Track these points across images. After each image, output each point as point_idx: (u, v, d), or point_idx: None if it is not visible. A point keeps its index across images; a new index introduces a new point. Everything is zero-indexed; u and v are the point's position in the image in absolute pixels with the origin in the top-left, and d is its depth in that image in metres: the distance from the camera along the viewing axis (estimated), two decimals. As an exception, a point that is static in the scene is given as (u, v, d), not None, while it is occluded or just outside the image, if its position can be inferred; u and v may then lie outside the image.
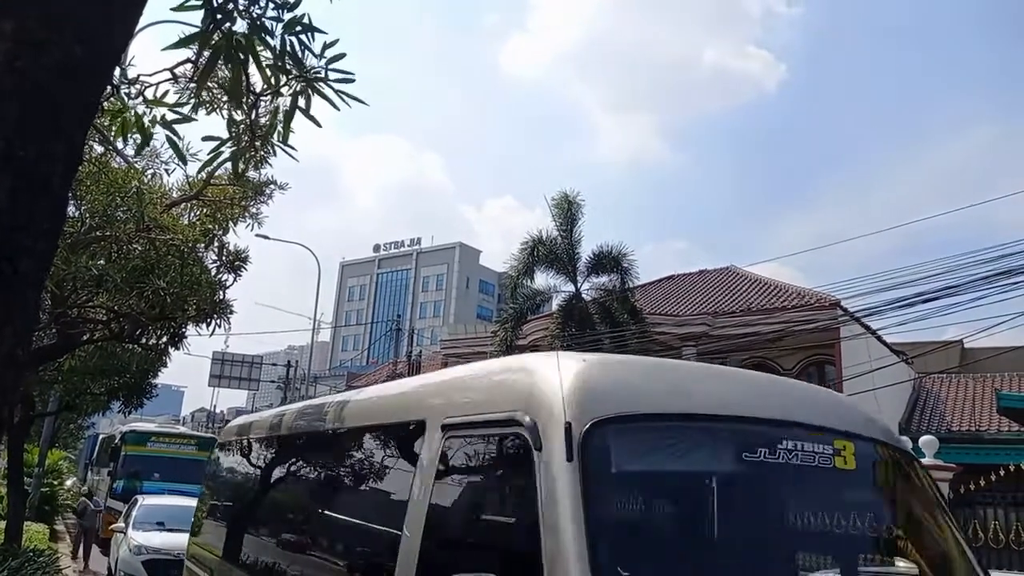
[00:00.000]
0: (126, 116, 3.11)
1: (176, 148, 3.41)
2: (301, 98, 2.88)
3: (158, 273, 8.78)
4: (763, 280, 27.34)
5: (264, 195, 11.00)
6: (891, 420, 23.22)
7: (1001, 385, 23.85)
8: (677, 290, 29.42)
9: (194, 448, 19.96)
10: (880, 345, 22.83)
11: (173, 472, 18.57)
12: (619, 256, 22.92)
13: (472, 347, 30.25)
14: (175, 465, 18.86)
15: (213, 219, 10.22)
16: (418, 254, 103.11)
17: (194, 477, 18.00)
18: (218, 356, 37.97)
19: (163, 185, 9.80)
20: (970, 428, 22.80)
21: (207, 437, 21.62)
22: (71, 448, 39.30)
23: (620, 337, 21.80)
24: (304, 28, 2.66)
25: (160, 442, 19.77)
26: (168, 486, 17.63)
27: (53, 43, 1.65)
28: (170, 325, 10.78)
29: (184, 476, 18.07)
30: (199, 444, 20.31)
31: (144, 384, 16.90)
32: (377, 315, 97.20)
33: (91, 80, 1.78)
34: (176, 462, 19.04)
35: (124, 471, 18.94)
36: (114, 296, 9.57)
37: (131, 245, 8.81)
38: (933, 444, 12.49)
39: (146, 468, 18.96)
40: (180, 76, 3.26)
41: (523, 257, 23.28)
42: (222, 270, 11.06)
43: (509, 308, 24.59)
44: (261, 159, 4.42)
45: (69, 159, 1.76)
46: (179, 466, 18.81)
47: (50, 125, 1.68)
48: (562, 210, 23.56)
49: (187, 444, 20.24)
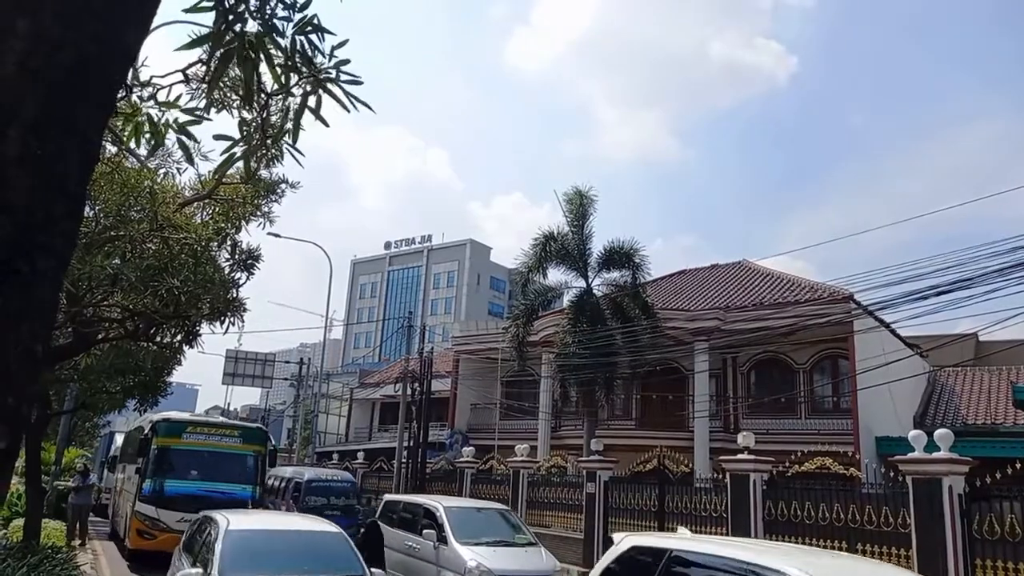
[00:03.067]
0: (139, 119, 3.15)
1: (187, 151, 3.45)
2: (312, 98, 2.91)
3: (172, 272, 8.87)
4: (775, 274, 27.23)
5: (276, 194, 11.09)
6: (906, 414, 23.11)
7: (1017, 378, 23.67)
8: (689, 285, 29.36)
9: (238, 441, 17.02)
10: (894, 338, 22.69)
11: (213, 470, 16.31)
12: (631, 251, 22.88)
13: (484, 343, 30.31)
14: (215, 461, 16.45)
15: (226, 218, 10.31)
16: (429, 251, 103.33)
17: (237, 476, 16.44)
18: (232, 354, 38.24)
19: (176, 184, 9.89)
20: (986, 421, 22.65)
21: (253, 427, 18.79)
22: (87, 446, 39.70)
23: (631, 332, 21.77)
24: (314, 29, 2.68)
25: (197, 433, 16.69)
26: (205, 486, 15.87)
27: (68, 42, 1.67)
28: (184, 323, 10.89)
29: (226, 475, 16.31)
30: (243, 436, 17.31)
31: (159, 382, 17.03)
32: (389, 312, 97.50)
33: (106, 80, 1.80)
34: (217, 458, 16.51)
35: (155, 468, 16.02)
36: (129, 295, 9.68)
37: (145, 244, 8.89)
38: (948, 438, 12.41)
39: (181, 464, 16.29)
40: (192, 77, 3.29)
41: (534, 253, 23.27)
42: (235, 268, 11.16)
43: (520, 304, 24.60)
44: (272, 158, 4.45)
45: (85, 159, 1.79)
46: (220, 463, 16.48)
47: (66, 125, 1.71)
48: (573, 205, 23.53)
49: (229, 436, 17.06)
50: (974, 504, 11.84)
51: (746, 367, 25.81)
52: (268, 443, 17.57)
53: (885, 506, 12.84)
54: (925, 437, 12.72)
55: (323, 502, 19.56)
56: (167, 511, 15.23)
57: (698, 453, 22.27)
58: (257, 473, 17.04)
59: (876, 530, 12.83)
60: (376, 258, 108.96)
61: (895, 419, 21.73)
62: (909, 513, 12.36)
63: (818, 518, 13.67)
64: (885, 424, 21.28)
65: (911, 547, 12.21)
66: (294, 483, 20.48)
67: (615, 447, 21.21)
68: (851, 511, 13.24)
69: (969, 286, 13.18)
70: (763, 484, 14.92)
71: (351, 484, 21.86)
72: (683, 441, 22.89)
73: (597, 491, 18.26)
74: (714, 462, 19.26)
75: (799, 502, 14.09)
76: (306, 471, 22.30)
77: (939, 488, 11.98)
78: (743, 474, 15.07)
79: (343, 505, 20.07)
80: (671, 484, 17.16)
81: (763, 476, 15.01)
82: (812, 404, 24.39)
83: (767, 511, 14.59)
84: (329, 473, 22.98)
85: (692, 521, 15.93)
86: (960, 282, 13.32)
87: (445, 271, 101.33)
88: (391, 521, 15.07)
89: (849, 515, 13.25)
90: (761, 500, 14.73)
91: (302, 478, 20.62)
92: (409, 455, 28.03)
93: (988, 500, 11.81)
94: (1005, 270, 12.60)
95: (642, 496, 17.41)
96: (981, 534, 11.51)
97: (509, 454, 22.05)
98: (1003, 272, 12.61)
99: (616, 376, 22.40)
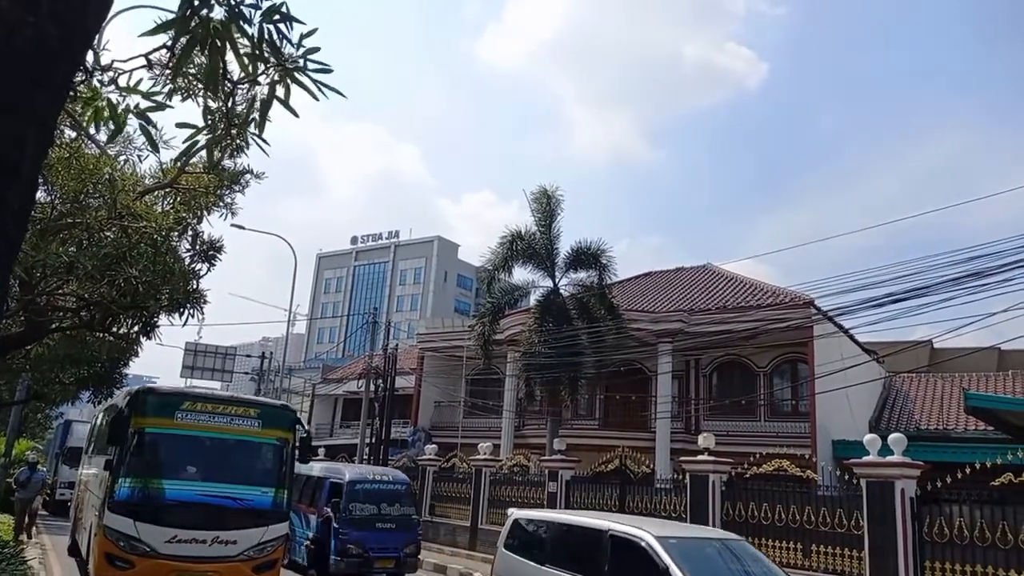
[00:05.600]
0: (99, 104, 3.07)
1: (149, 137, 3.37)
2: (279, 87, 2.86)
3: (130, 261, 8.68)
4: (739, 278, 27.62)
5: (240, 184, 10.93)
6: (862, 418, 23.61)
7: (969, 385, 24.30)
8: (654, 287, 29.63)
9: (255, 424, 11.49)
10: (852, 344, 23.18)
11: (219, 465, 11.16)
12: (598, 252, 23.01)
13: (450, 341, 30.22)
14: (222, 453, 11.27)
15: (187, 207, 10.12)
16: (396, 247, 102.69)
17: (254, 475, 11.37)
18: (191, 347, 37.54)
19: (136, 172, 9.68)
20: (938, 427, 23.24)
21: (276, 405, 12.84)
22: (39, 438, 38.70)
23: (597, 333, 21.89)
24: (282, 17, 2.64)
25: (197, 412, 11.06)
26: (207, 489, 10.79)
27: (26, 23, 1.62)
28: (142, 314, 10.66)
29: (237, 472, 11.23)
30: (263, 417, 11.62)
31: (114, 374, 16.69)
32: (354, 308, 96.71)
33: (64, 62, 1.75)
34: (224, 448, 11.28)
35: (134, 463, 10.52)
36: (84, 284, 9.45)
37: (103, 232, 8.69)
38: (901, 442, 12.72)
39: (172, 457, 11.04)
40: (155, 63, 3.21)
41: (501, 251, 23.27)
42: (196, 259, 10.99)
43: (487, 303, 24.58)
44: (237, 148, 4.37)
45: (40, 142, 1.73)
46: (229, 455, 11.33)
47: (21, 106, 1.65)
48: (541, 205, 23.59)
49: (243, 417, 11.45)
50: (925, 507, 12.15)
51: (708, 369, 26.13)
52: (298, 428, 12.06)
53: (839, 508, 13.11)
54: (879, 441, 13.02)
55: (372, 512, 15.03)
56: (151, 526, 10.17)
57: (659, 454, 22.49)
58: (282, 470, 11.61)
59: (830, 531, 13.09)
60: (342, 253, 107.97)
61: (851, 423, 22.19)
62: (862, 515, 12.63)
63: (775, 519, 13.90)
64: (842, 428, 21.72)
65: (864, 548, 12.48)
66: (329, 485, 15.62)
67: (578, 447, 21.32)
68: (807, 513, 13.49)
69: (925, 294, 13.52)
70: (722, 485, 15.12)
71: (406, 486, 16.43)
72: (645, 442, 23.09)
73: (559, 490, 18.33)
74: (675, 463, 19.46)
75: (756, 503, 14.31)
76: (345, 468, 16.82)
77: (891, 491, 12.27)
78: (703, 475, 15.26)
79: (398, 516, 15.38)
80: (632, 484, 17.30)
81: (722, 477, 15.21)
82: (771, 407, 24.78)
83: (725, 512, 14.79)
84: (377, 471, 17.38)
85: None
86: (916, 290, 13.66)
87: (412, 267, 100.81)
88: (530, 553, 9.83)
89: (805, 517, 13.49)
90: (720, 501, 14.93)
91: (341, 478, 15.54)
92: (371, 452, 27.85)
93: (939, 503, 12.14)
94: (960, 279, 12.94)
95: (603, 496, 17.53)
96: (931, 536, 11.81)
97: (472, 452, 22.03)
98: (958, 281, 12.95)
99: (581, 376, 22.51)
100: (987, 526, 11.26)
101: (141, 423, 10.80)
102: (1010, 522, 11.10)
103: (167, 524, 10.32)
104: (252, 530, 10.73)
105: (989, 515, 11.38)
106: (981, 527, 11.30)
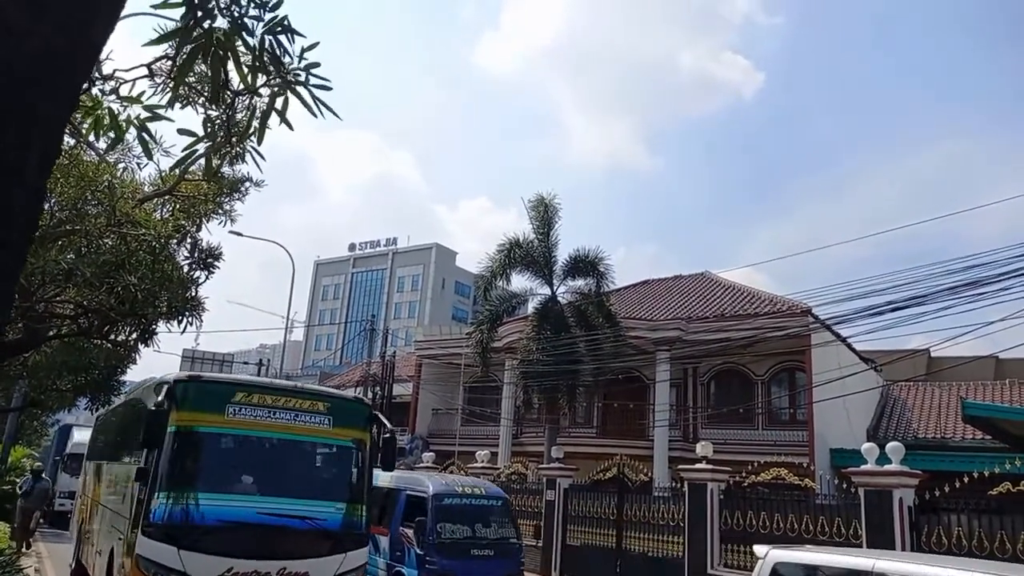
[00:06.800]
0: (100, 113, 3.08)
1: (146, 147, 3.38)
2: (279, 99, 2.88)
3: (129, 268, 8.66)
4: (736, 286, 27.66)
5: (239, 192, 10.94)
6: (860, 426, 23.62)
7: (966, 393, 24.35)
8: (652, 295, 29.66)
9: (326, 422, 9.21)
10: (850, 352, 23.21)
11: (282, 474, 9.03)
12: (596, 260, 23.04)
13: (447, 348, 30.20)
14: (287, 458, 9.17)
15: (186, 215, 10.13)
16: (394, 254, 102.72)
17: (326, 487, 9.30)
18: (188, 354, 37.60)
19: (135, 179, 9.69)
20: (936, 435, 23.25)
21: (349, 399, 10.44)
22: (35, 445, 38.56)
23: (595, 341, 21.90)
24: (284, 29, 2.65)
25: (254, 406, 8.79)
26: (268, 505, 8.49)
27: (35, 33, 1.64)
28: (140, 321, 10.62)
29: (305, 484, 9.14)
30: (335, 413, 9.33)
31: (112, 381, 16.61)
32: (351, 315, 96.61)
33: (72, 73, 1.76)
34: (289, 452, 9.15)
35: (176, 472, 8.37)
36: (83, 291, 9.43)
37: (102, 240, 8.68)
38: (899, 450, 12.72)
39: (224, 463, 8.89)
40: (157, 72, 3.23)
41: (499, 259, 23.31)
42: (194, 267, 10.96)
43: (484, 310, 24.59)
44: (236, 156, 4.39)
45: (46, 151, 1.75)
46: (295, 461, 9.28)
47: (29, 117, 1.67)
48: (539, 213, 23.64)
49: (310, 413, 9.13)
50: (923, 516, 12.14)
51: (706, 377, 26.14)
52: (376, 427, 9.83)
53: (838, 517, 13.10)
54: (877, 450, 13.02)
55: (465, 534, 12.15)
56: (199, 556, 7.99)
57: (657, 462, 22.46)
58: (360, 480, 9.41)
59: (829, 540, 13.06)
60: (340, 260, 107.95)
61: (849, 431, 22.19)
62: (861, 524, 12.62)
63: (773, 528, 13.87)
64: (839, 436, 21.72)
65: (862, 558, 12.45)
66: (405, 498, 12.83)
67: (576, 455, 21.29)
68: (805, 522, 13.47)
69: (923, 303, 13.56)
70: (720, 494, 15.10)
71: (503, 501, 13.64)
72: (643, 450, 23.06)
73: (557, 499, 18.29)
74: (673, 471, 19.45)
75: (755, 512, 14.29)
76: (423, 477, 13.81)
77: (890, 500, 12.26)
78: (701, 483, 15.24)
79: (496, 540, 12.53)
80: (630, 492, 17.27)
81: (720, 486, 15.20)
82: (769, 415, 24.79)
83: (723, 520, 14.77)
84: (466, 483, 13.98)
85: (649, 530, 16.07)
86: (914, 299, 13.70)
87: (410, 274, 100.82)
88: None
89: (803, 525, 13.47)
90: (718, 509, 14.91)
91: (422, 490, 12.67)
92: (368, 459, 27.73)
93: (937, 512, 12.13)
94: (957, 288, 12.98)
95: (601, 504, 17.49)
96: (929, 545, 11.80)
97: (470, 460, 21.98)
98: (955, 290, 12.99)
99: (579, 384, 22.51)
100: (985, 535, 11.26)
101: (184, 420, 8.54)
102: (1008, 531, 11.09)
103: (220, 553, 8.02)
104: (327, 559, 8.54)
105: (987, 524, 11.37)
106: (979, 536, 11.29)
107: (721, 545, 14.67)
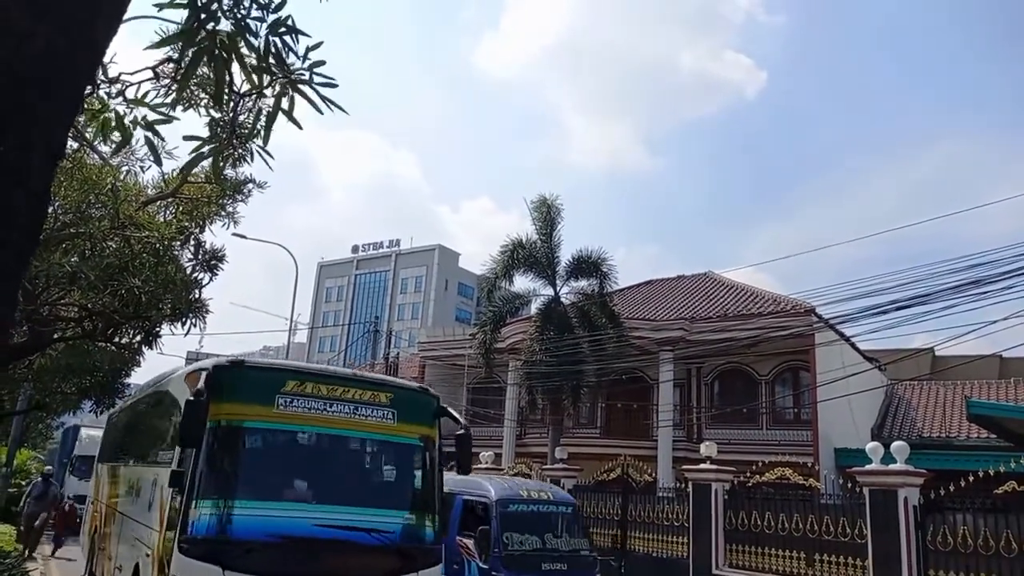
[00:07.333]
0: (106, 116, 3.09)
1: (154, 150, 3.39)
2: (284, 99, 2.88)
3: (133, 271, 8.69)
4: (740, 286, 27.63)
5: (242, 194, 10.96)
6: (864, 426, 23.56)
7: (971, 392, 24.28)
8: (655, 295, 29.63)
9: (390, 417, 7.92)
10: (853, 352, 23.15)
11: (342, 478, 7.92)
12: (599, 261, 23.04)
13: (450, 350, 30.20)
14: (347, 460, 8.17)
15: (190, 217, 10.16)
16: (397, 256, 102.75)
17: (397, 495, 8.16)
18: (192, 356, 37.45)
19: (139, 182, 9.72)
20: (941, 434, 23.19)
21: (412, 388, 9.04)
22: (40, 448, 38.62)
23: (598, 341, 21.88)
24: (288, 30, 2.66)
25: (308, 396, 7.45)
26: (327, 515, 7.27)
27: (36, 34, 1.64)
28: (144, 324, 10.67)
29: (370, 492, 8.04)
30: (397, 406, 8.01)
31: (116, 383, 16.67)
32: (355, 316, 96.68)
33: (74, 73, 1.76)
34: (349, 452, 8.13)
35: (218, 477, 7.10)
36: (87, 294, 9.46)
37: (106, 242, 8.70)
38: (904, 450, 12.69)
39: (275, 466, 7.64)
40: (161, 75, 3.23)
41: (502, 260, 23.32)
42: (198, 269, 10.99)
43: (488, 311, 24.59)
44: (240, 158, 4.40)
45: (49, 153, 1.75)
46: (356, 463, 8.32)
47: (30, 118, 1.67)
48: (541, 213, 23.65)
49: (373, 406, 7.85)
50: (928, 516, 12.11)
51: (710, 377, 26.10)
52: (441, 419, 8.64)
53: (843, 517, 13.07)
54: (882, 449, 12.99)
55: (535, 545, 10.72)
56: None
57: (661, 462, 22.43)
58: (430, 485, 8.22)
59: (834, 540, 13.03)
60: (343, 261, 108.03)
61: (854, 431, 22.14)
62: (866, 524, 12.58)
63: (778, 528, 13.84)
64: (844, 436, 21.67)
65: (867, 557, 12.43)
66: (461, 504, 11.55)
67: (580, 455, 21.26)
68: (810, 521, 13.44)
69: (926, 302, 13.53)
70: (724, 494, 15.08)
71: (573, 508, 12.32)
72: (647, 450, 23.03)
73: (561, 499, 18.26)
74: (677, 471, 19.41)
75: (759, 512, 14.26)
76: (484, 481, 12.37)
77: (895, 499, 12.23)
78: (705, 483, 15.21)
79: (568, 552, 11.05)
80: (634, 493, 17.24)
81: (724, 486, 15.17)
82: (773, 415, 24.74)
83: (728, 521, 14.74)
84: (532, 487, 12.71)
85: (654, 530, 16.05)
86: (918, 298, 13.67)
87: (413, 276, 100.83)
88: None
89: (808, 525, 13.44)
90: (722, 510, 14.88)
91: (484, 495, 11.44)
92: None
93: (942, 512, 12.09)
94: (961, 287, 12.95)
95: (605, 505, 17.45)
96: (935, 545, 11.77)
97: (474, 461, 21.95)
98: (959, 289, 12.96)
99: (582, 384, 22.48)
100: (991, 535, 11.22)
101: (227, 414, 7.14)
102: (1014, 530, 11.05)
103: (272, 574, 6.92)
104: None
105: (993, 524, 11.33)
106: (985, 535, 11.26)
107: (726, 545, 14.64)
